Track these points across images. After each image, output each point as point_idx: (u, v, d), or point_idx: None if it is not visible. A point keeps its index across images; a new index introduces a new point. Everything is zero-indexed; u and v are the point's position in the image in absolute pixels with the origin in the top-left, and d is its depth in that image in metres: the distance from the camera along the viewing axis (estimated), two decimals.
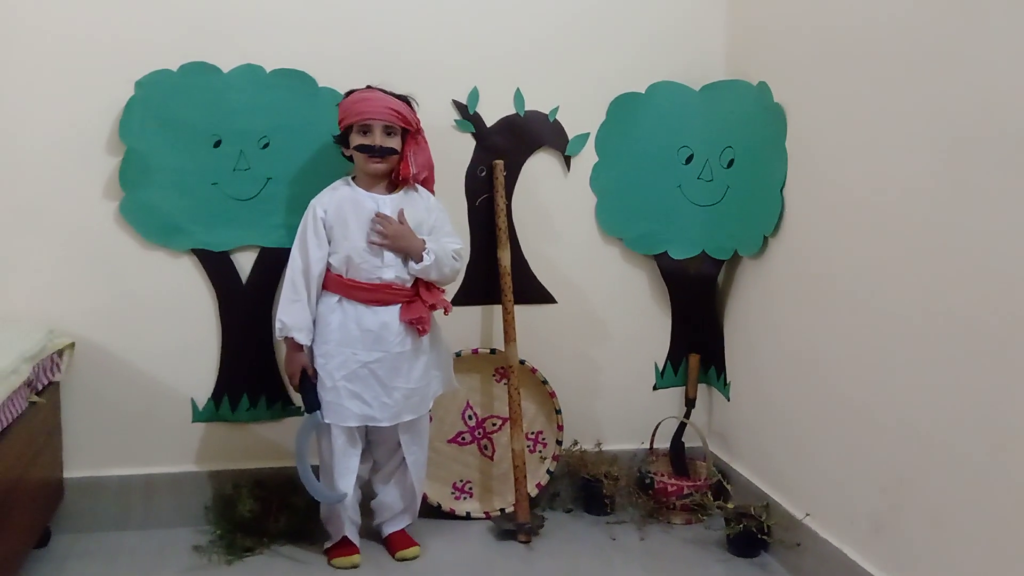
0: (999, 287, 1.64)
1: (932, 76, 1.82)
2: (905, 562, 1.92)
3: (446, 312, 2.38)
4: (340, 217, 2.28)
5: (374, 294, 2.27)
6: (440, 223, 2.39)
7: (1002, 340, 1.63)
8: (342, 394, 2.27)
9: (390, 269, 2.28)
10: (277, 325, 2.29)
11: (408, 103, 2.32)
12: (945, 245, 1.78)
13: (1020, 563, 1.60)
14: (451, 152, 2.60)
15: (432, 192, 2.43)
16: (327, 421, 2.29)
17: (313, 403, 2.28)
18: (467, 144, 2.64)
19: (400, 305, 2.29)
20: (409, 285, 2.31)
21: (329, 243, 2.29)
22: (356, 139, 2.26)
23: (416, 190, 2.37)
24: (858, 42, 2.08)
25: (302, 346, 2.28)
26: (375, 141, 2.24)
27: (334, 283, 2.30)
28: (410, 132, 2.31)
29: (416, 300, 2.30)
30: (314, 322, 2.30)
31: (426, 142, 2.36)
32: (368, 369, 2.28)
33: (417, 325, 2.29)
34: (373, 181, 2.32)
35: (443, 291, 2.39)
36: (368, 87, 2.31)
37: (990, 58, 1.66)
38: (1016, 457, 1.61)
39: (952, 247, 1.76)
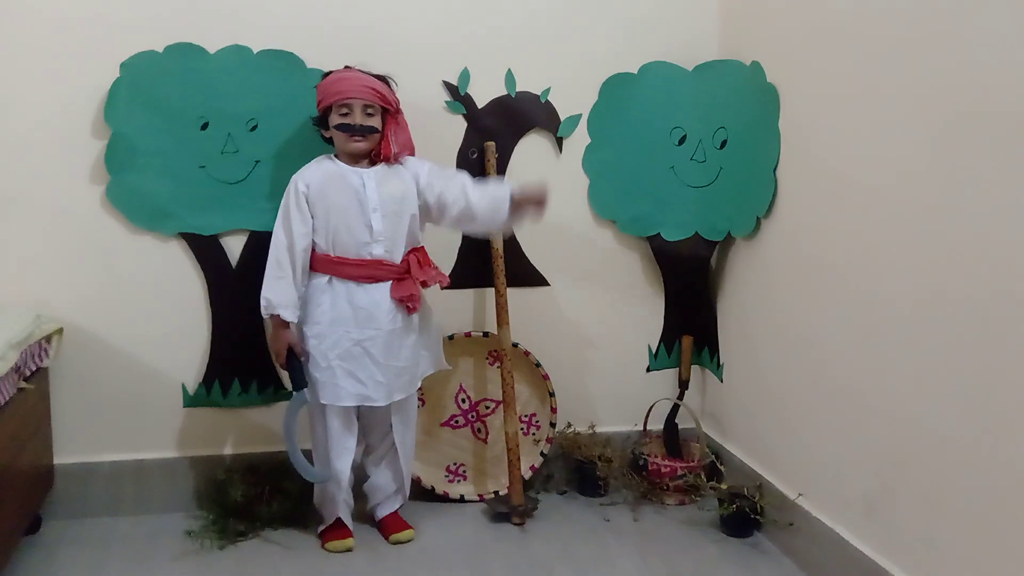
0: (993, 269, 1.64)
1: (926, 56, 1.81)
2: (897, 542, 1.92)
3: (442, 286, 2.36)
4: (323, 191, 2.25)
5: (364, 270, 2.26)
6: (430, 173, 2.32)
7: (995, 322, 1.63)
8: (337, 374, 2.26)
9: (379, 244, 2.26)
10: (262, 303, 2.25)
11: (387, 82, 2.29)
12: (939, 226, 1.78)
13: (1011, 542, 1.61)
14: (442, 134, 2.58)
15: None
16: (324, 402, 2.28)
17: (300, 381, 2.27)
18: (458, 125, 2.62)
19: (391, 282, 2.28)
20: (398, 262, 2.29)
21: (313, 219, 2.26)
22: (336, 119, 2.23)
23: (399, 162, 2.33)
24: (851, 21, 2.06)
25: (288, 323, 2.27)
26: (355, 120, 2.22)
27: (322, 263, 2.28)
28: (390, 112, 2.28)
29: (407, 277, 2.29)
30: (302, 301, 2.28)
31: (406, 122, 2.33)
32: (362, 347, 2.26)
33: (407, 303, 2.27)
34: (354, 160, 2.30)
35: (435, 267, 2.36)
36: (346, 67, 2.29)
37: (984, 37, 1.65)
38: (1007, 438, 1.61)
39: (946, 228, 1.76)
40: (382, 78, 2.29)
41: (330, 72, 2.29)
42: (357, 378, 2.27)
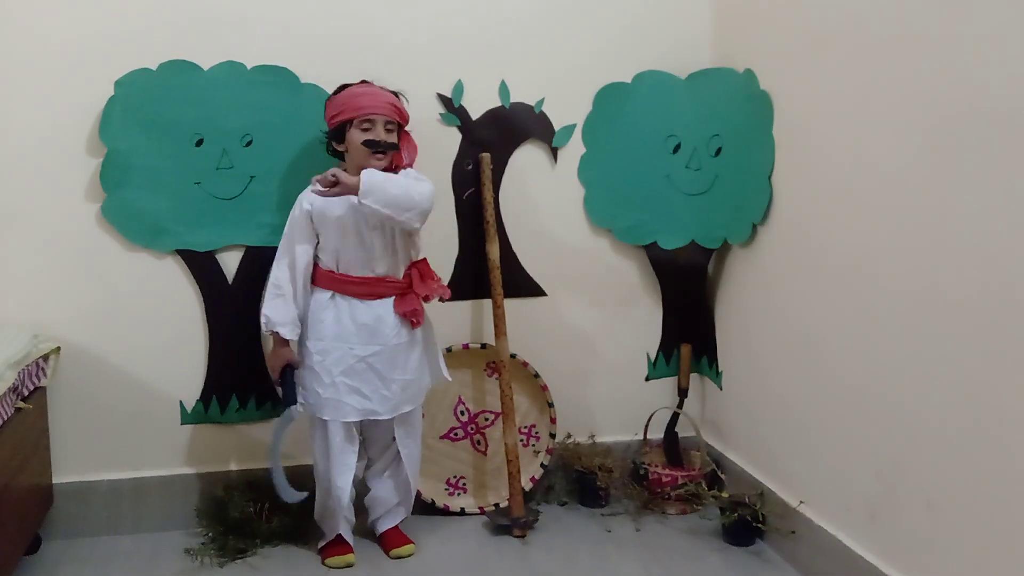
0: (991, 271, 1.64)
1: (918, 61, 1.81)
2: (901, 548, 1.92)
3: (443, 298, 2.37)
4: (326, 210, 2.26)
5: (367, 288, 2.26)
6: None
7: (995, 323, 1.63)
8: (341, 390, 2.26)
9: (381, 263, 2.26)
10: (262, 319, 2.28)
11: (399, 99, 2.31)
12: (935, 230, 1.78)
13: (1014, 546, 1.60)
14: (437, 146, 2.58)
15: None
16: (327, 418, 2.27)
17: (291, 397, 2.27)
18: (453, 138, 2.62)
19: (394, 298, 2.28)
20: (401, 277, 2.29)
21: (319, 237, 2.27)
22: (359, 134, 2.23)
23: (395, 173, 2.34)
24: (844, 28, 2.07)
25: (287, 341, 2.27)
26: (379, 136, 2.22)
27: (326, 279, 2.28)
28: (403, 127, 2.31)
29: (409, 292, 2.29)
30: (303, 318, 2.29)
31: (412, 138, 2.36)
32: (366, 363, 2.26)
33: (411, 318, 2.28)
34: None
35: (437, 279, 2.36)
36: (363, 81, 2.30)
37: (976, 43, 1.66)
38: (1010, 440, 1.60)
39: (943, 232, 1.76)
40: (396, 94, 2.31)
41: (346, 85, 2.29)
42: (362, 393, 2.27)
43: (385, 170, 2.29)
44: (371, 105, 2.22)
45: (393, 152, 2.27)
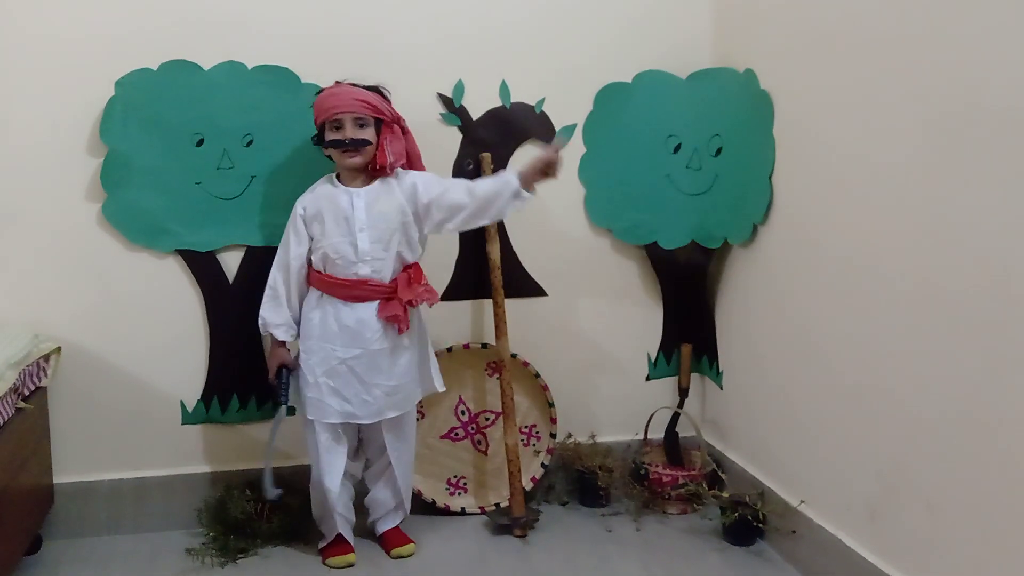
0: (992, 272, 1.64)
1: (918, 60, 1.81)
2: (901, 547, 1.92)
3: (431, 304, 2.37)
4: (318, 213, 2.27)
5: (351, 290, 2.26)
6: (430, 186, 2.29)
7: (996, 323, 1.63)
8: (323, 391, 2.27)
9: (365, 265, 2.26)
10: (260, 321, 2.30)
11: (380, 93, 2.29)
12: (936, 230, 1.78)
13: (1014, 545, 1.60)
14: (438, 146, 2.57)
15: None
16: (310, 417, 2.29)
17: (283, 397, 2.28)
18: (454, 138, 2.62)
19: (378, 302, 2.28)
20: (387, 281, 2.28)
21: (311, 239, 2.28)
22: (329, 135, 2.24)
23: (395, 177, 2.32)
24: (844, 28, 2.07)
25: (283, 342, 2.29)
26: (346, 134, 2.22)
27: (315, 280, 2.30)
28: (385, 122, 2.28)
29: (394, 298, 2.28)
30: (299, 319, 2.32)
31: (405, 131, 2.33)
32: (347, 366, 2.26)
33: (394, 323, 2.27)
34: (353, 176, 2.30)
35: (425, 284, 2.34)
36: (336, 83, 2.29)
37: (973, 40, 1.66)
38: (1010, 440, 1.60)
39: (944, 231, 1.76)
40: (374, 89, 2.29)
41: (322, 89, 2.30)
42: (343, 396, 2.27)
43: (368, 167, 2.28)
44: (336, 104, 2.21)
45: (365, 147, 2.23)
